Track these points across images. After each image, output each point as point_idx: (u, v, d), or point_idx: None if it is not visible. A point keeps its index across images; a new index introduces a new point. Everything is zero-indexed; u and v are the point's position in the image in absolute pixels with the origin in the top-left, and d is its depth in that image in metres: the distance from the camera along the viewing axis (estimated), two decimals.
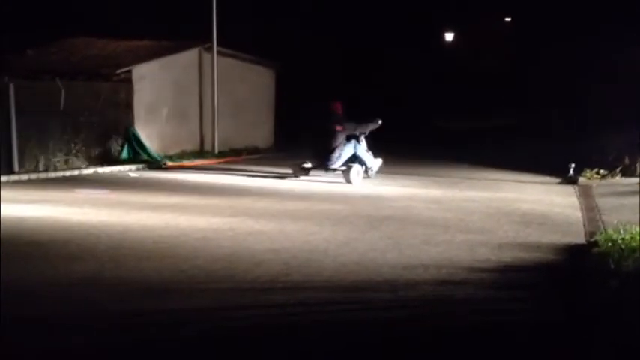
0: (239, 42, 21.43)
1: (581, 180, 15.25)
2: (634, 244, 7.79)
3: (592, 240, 8.76)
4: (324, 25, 28.56)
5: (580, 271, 7.38)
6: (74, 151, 15.96)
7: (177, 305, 6.19)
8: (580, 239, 9.21)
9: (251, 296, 6.48)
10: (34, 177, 14.48)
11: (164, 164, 17.24)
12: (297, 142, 21.37)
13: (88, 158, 16.18)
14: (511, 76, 36.50)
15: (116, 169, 16.11)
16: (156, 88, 18.87)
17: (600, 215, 10.76)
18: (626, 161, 15.87)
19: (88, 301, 6.26)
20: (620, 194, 12.99)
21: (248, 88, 21.59)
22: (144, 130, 18.11)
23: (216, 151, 19.97)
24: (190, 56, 20.02)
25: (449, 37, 39.48)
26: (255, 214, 10.64)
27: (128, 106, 17.81)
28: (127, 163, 16.67)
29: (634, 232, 8.31)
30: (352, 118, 15.37)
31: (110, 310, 6.00)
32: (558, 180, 15.65)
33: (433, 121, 31.98)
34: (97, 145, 16.64)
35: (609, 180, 15.21)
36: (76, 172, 15.32)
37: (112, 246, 8.26)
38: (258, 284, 6.83)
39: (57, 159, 15.55)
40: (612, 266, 7.02)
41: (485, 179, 16.06)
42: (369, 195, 13.21)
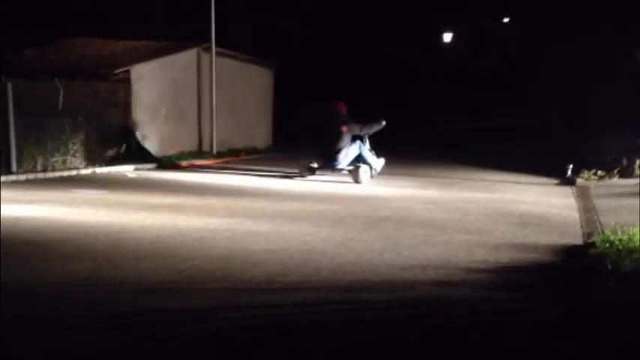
0: (239, 42, 21.43)
1: (579, 181, 15.26)
2: (631, 246, 7.79)
3: (589, 241, 8.76)
4: (324, 25, 28.56)
5: (578, 272, 7.39)
6: (72, 151, 15.94)
7: (176, 305, 6.19)
8: (577, 240, 9.20)
9: (248, 296, 6.48)
10: (32, 177, 14.45)
11: (162, 164, 17.24)
12: (297, 142, 21.41)
13: (86, 158, 16.17)
14: (511, 76, 36.56)
15: (114, 169, 16.09)
16: (154, 88, 18.87)
17: (598, 216, 10.76)
18: (624, 162, 15.87)
19: (86, 301, 6.26)
20: (617, 195, 12.99)
21: (246, 89, 21.59)
22: (142, 130, 18.12)
23: (215, 152, 19.97)
24: (189, 56, 20.02)
25: (449, 37, 39.50)
26: (252, 214, 10.65)
27: (126, 106, 17.83)
28: (125, 163, 16.66)
29: (632, 233, 8.30)
30: (353, 118, 15.45)
31: (109, 310, 6.00)
32: (556, 181, 15.66)
33: (433, 121, 32.00)
34: (96, 145, 16.61)
35: (607, 181, 15.21)
36: (74, 172, 15.30)
37: (110, 246, 8.26)
38: (256, 284, 6.83)
39: (55, 159, 15.53)
40: (610, 267, 7.02)
41: (483, 180, 16.07)
42: (367, 195, 13.21)
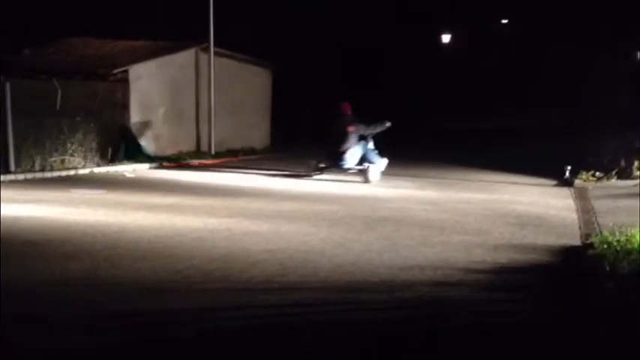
0: (239, 42, 21.42)
1: (577, 182, 15.26)
2: (629, 247, 7.80)
3: (587, 242, 8.77)
4: (324, 25, 28.54)
5: (576, 273, 7.39)
6: (70, 151, 15.94)
7: (174, 305, 6.19)
8: (576, 241, 9.22)
9: (247, 297, 6.48)
10: (30, 176, 14.45)
11: (161, 164, 17.23)
12: (296, 142, 21.41)
13: (85, 158, 16.16)
14: (511, 77, 36.56)
15: (112, 169, 16.09)
16: (152, 89, 18.86)
17: (596, 217, 10.78)
18: (622, 164, 15.88)
19: (85, 300, 6.26)
20: (615, 196, 13.00)
21: (245, 89, 21.58)
22: (140, 130, 18.11)
23: (213, 152, 19.96)
24: (187, 56, 20.01)
25: (449, 38, 39.50)
26: (250, 214, 10.65)
27: (124, 106, 17.82)
28: (124, 163, 16.66)
29: (629, 234, 8.31)
30: (358, 118, 15.56)
31: (108, 310, 6.00)
32: (554, 182, 15.66)
33: (433, 121, 31.98)
34: (94, 144, 16.61)
35: (605, 182, 15.22)
36: (72, 172, 15.30)
37: (108, 246, 8.26)
38: (254, 285, 6.83)
39: (53, 159, 15.53)
40: (608, 268, 7.02)
41: (482, 180, 16.07)
42: (366, 196, 13.21)
